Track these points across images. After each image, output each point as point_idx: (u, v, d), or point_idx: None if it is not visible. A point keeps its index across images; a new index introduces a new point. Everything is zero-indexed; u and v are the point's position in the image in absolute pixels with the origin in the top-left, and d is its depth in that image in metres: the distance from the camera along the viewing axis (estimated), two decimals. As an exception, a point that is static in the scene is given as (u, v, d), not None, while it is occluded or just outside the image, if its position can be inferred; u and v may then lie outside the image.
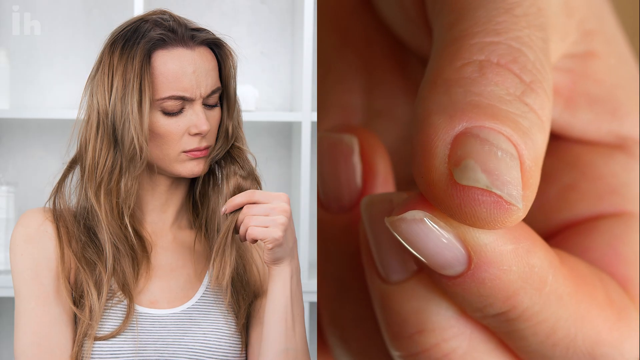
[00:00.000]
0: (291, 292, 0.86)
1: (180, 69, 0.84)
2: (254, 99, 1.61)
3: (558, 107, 0.55)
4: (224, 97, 0.89)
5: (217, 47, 0.88)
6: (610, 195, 0.55)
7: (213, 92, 0.86)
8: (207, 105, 0.86)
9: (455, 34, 0.50)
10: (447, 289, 0.49)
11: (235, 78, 0.89)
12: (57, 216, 0.88)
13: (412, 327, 0.51)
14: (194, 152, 0.86)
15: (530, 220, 0.52)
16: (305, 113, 1.58)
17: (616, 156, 0.56)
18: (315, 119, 1.58)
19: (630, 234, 0.54)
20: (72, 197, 0.89)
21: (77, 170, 0.89)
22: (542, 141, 0.48)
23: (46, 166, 1.69)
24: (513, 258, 0.48)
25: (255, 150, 0.92)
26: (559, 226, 0.55)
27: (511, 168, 0.47)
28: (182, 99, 0.84)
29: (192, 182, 0.91)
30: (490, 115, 0.47)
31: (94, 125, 0.85)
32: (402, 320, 0.52)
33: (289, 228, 0.84)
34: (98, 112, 0.85)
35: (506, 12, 0.49)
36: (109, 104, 0.84)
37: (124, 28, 0.87)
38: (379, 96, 0.61)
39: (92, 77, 0.87)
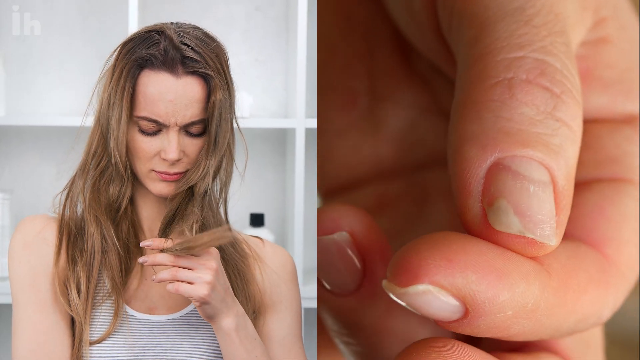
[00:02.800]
0: (240, 342, 0.84)
1: (158, 94, 0.83)
2: (248, 106, 1.62)
3: None
4: (206, 131, 0.86)
5: (206, 80, 0.85)
6: (609, 164, 0.56)
7: (194, 123, 0.84)
8: (189, 133, 0.85)
9: (479, 50, 0.50)
10: (438, 325, 0.50)
11: (224, 115, 0.85)
12: (63, 215, 0.89)
13: None
14: (162, 175, 0.85)
15: None
16: (299, 120, 1.58)
17: (622, 129, 0.56)
18: (309, 125, 1.58)
19: (621, 197, 0.54)
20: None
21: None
22: (574, 152, 0.49)
23: (42, 173, 1.69)
24: (509, 304, 0.48)
25: (250, 157, 0.92)
26: None
27: (544, 202, 0.48)
28: (156, 122, 0.83)
29: None
30: (521, 142, 0.48)
31: (95, 122, 0.87)
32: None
33: (217, 285, 0.82)
34: (98, 110, 0.86)
35: (526, 24, 0.50)
36: (101, 108, 0.85)
37: (140, 33, 0.86)
38: (383, 81, 0.62)
39: (102, 72, 0.87)
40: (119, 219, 0.86)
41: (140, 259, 0.84)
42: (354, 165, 0.62)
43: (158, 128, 0.84)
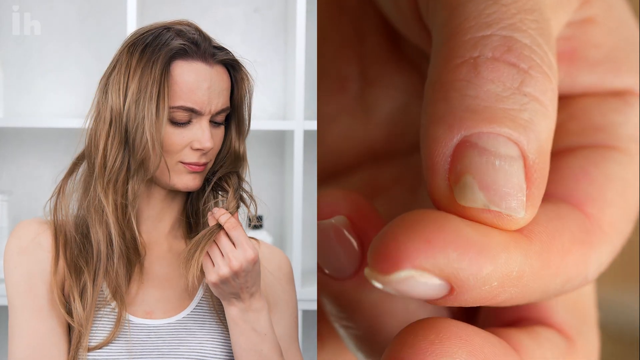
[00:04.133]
0: (242, 333, 0.86)
1: (195, 82, 0.85)
2: (247, 108, 1.62)
3: (559, 74, 0.55)
4: (232, 119, 0.89)
5: (233, 69, 0.88)
6: (594, 132, 0.55)
7: (222, 111, 0.87)
8: (213, 123, 0.87)
9: (448, 32, 0.50)
10: (427, 302, 0.50)
11: (249, 103, 0.90)
12: (56, 220, 0.88)
13: None
14: (191, 166, 0.86)
15: None
16: (298, 122, 1.58)
17: (609, 100, 0.56)
18: (308, 127, 1.58)
19: (605, 161, 0.54)
20: (74, 195, 0.89)
21: (79, 169, 0.89)
22: (546, 127, 0.49)
23: (40, 175, 1.69)
24: (493, 276, 0.48)
25: (248, 159, 0.93)
26: None
27: (510, 175, 0.48)
28: (192, 111, 0.85)
29: (188, 194, 0.92)
30: (487, 119, 0.48)
31: (107, 123, 0.86)
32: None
33: (232, 281, 0.84)
34: (111, 111, 0.85)
35: (495, 3, 0.50)
36: (124, 106, 0.84)
37: (146, 32, 0.87)
38: (373, 66, 0.62)
39: (108, 75, 0.87)
40: (127, 222, 0.86)
41: (216, 212, 0.85)
42: (345, 150, 0.62)
43: (190, 118, 0.85)
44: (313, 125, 1.57)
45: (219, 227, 0.85)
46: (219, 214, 0.85)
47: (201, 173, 0.87)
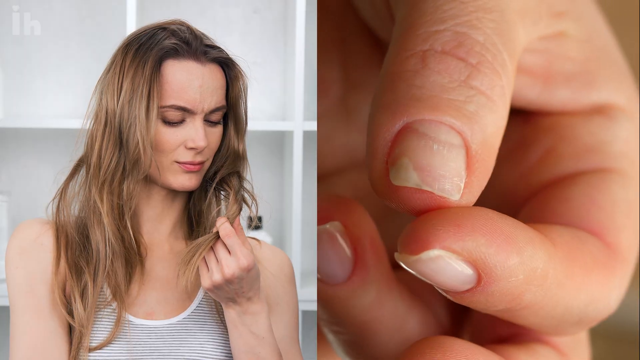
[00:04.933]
0: (241, 335, 0.86)
1: (187, 81, 0.84)
2: (247, 108, 1.62)
3: (536, 88, 0.56)
4: (230, 118, 0.89)
5: (227, 67, 0.88)
6: (588, 154, 0.56)
7: (217, 110, 0.86)
8: (209, 122, 0.86)
9: (404, 26, 0.51)
10: (451, 298, 0.50)
11: (245, 100, 0.90)
12: (58, 221, 0.88)
13: None
14: (187, 165, 0.86)
15: (512, 187, 0.56)
16: (297, 122, 1.58)
17: (594, 118, 0.56)
18: (307, 128, 1.58)
19: (608, 185, 0.55)
20: (75, 198, 0.89)
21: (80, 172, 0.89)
22: (493, 122, 0.49)
23: (39, 175, 1.69)
24: (519, 268, 0.48)
25: (248, 159, 0.93)
26: (539, 187, 0.55)
27: (447, 160, 0.48)
28: (184, 110, 0.84)
29: (189, 195, 0.92)
30: (431, 107, 0.48)
31: (102, 123, 0.86)
32: None
33: (226, 287, 0.84)
34: (106, 112, 0.85)
35: (453, 0, 0.50)
36: (117, 105, 0.85)
37: (141, 33, 0.87)
38: (356, 68, 0.62)
39: (104, 76, 0.87)
40: (124, 222, 0.86)
41: (219, 221, 0.85)
42: (327, 154, 0.62)
43: (183, 117, 0.85)
44: (312, 125, 1.58)
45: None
46: (220, 223, 0.85)
47: (198, 173, 0.87)
